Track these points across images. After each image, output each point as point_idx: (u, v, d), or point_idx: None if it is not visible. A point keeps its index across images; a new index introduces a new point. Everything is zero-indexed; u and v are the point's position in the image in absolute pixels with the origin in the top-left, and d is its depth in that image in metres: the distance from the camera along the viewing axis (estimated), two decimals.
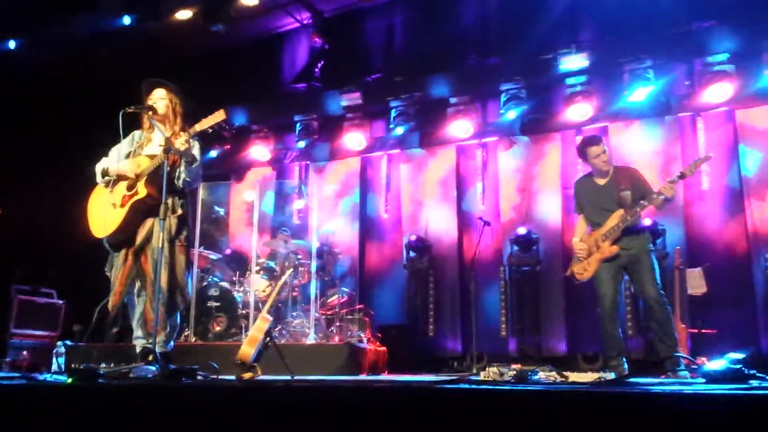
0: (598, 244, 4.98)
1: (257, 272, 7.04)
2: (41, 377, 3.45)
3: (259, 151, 9.10)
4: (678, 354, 4.69)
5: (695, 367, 4.58)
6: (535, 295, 7.53)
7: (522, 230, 7.78)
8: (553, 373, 4.05)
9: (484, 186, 8.37)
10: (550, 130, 8.11)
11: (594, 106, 7.68)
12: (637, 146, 7.55)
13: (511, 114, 8.06)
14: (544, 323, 7.49)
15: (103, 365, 3.95)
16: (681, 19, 7.33)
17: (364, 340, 6.93)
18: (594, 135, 5.39)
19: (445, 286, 8.15)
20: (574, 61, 7.66)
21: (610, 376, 4.02)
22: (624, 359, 4.92)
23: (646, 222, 5.66)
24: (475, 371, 5.80)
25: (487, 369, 4.15)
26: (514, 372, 3.98)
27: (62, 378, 3.31)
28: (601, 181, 5.11)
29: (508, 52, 8.19)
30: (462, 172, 8.54)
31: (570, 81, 7.78)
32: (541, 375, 3.99)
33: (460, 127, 8.28)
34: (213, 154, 8.95)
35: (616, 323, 4.99)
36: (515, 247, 7.74)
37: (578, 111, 7.71)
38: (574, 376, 3.99)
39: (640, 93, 7.43)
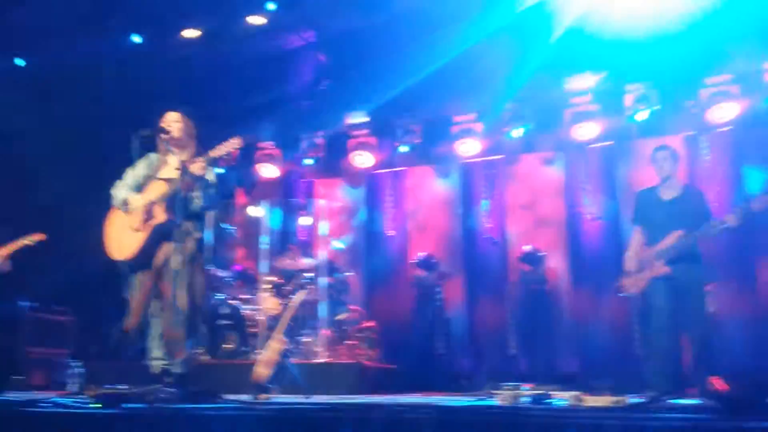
0: (651, 262, 4.78)
1: (266, 290, 7.07)
2: (64, 401, 3.46)
3: (265, 168, 9.15)
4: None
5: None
6: (544, 313, 7.55)
7: (527, 248, 7.82)
8: (567, 394, 4.08)
9: (489, 204, 8.42)
10: (556, 148, 8.19)
11: (599, 125, 7.76)
12: (643, 165, 7.61)
13: (517, 132, 8.12)
14: (554, 341, 7.51)
15: (119, 387, 3.96)
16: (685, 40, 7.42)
17: (373, 358, 6.95)
18: (665, 144, 5.17)
19: (453, 304, 8.17)
20: (578, 81, 7.76)
21: (627, 399, 4.01)
22: (669, 379, 4.66)
23: None
24: (486, 391, 5.81)
25: (500, 390, 4.19)
26: (531, 394, 4.01)
27: (86, 401, 3.33)
28: (666, 195, 4.91)
29: (512, 70, 8.25)
30: (467, 189, 8.60)
31: (575, 100, 7.86)
32: (558, 397, 4.02)
33: (465, 146, 8.34)
34: (220, 170, 8.99)
35: (667, 338, 4.71)
36: (522, 265, 7.78)
37: (583, 130, 7.79)
38: (590, 400, 4.01)
39: (644, 113, 7.51)
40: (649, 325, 4.81)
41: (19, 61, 8.07)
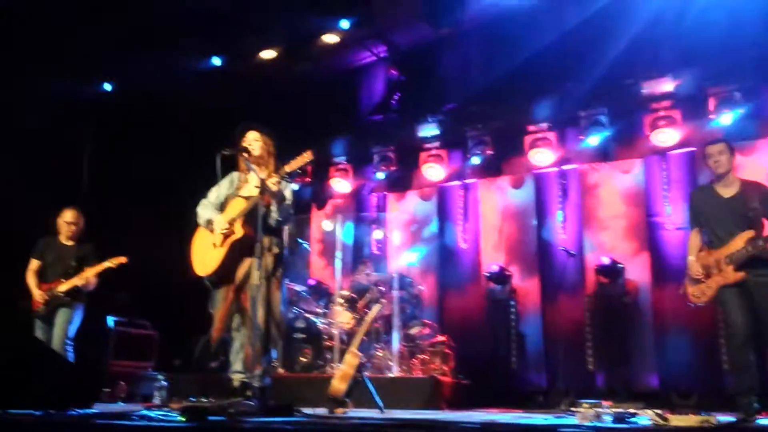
0: (719, 267, 4.43)
1: (340, 304, 7.15)
2: (150, 414, 3.60)
3: (338, 182, 9.27)
4: None
5: None
6: (622, 326, 7.29)
7: (606, 260, 7.58)
8: (650, 413, 3.93)
9: (564, 214, 8.24)
10: (634, 156, 7.94)
11: (679, 131, 7.49)
12: None
13: (592, 140, 7.94)
14: (634, 356, 7.24)
15: (202, 400, 4.08)
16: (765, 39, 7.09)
17: (447, 373, 6.90)
18: (720, 137, 4.96)
19: (527, 318, 8.02)
20: (657, 86, 7.52)
21: (714, 419, 3.82)
22: (755, 397, 4.34)
23: None
24: (563, 408, 5.68)
25: (579, 407, 4.07)
26: (612, 412, 3.89)
27: (173, 415, 3.45)
28: (726, 193, 4.57)
29: (586, 77, 8.09)
30: (541, 200, 8.44)
31: (653, 106, 7.62)
32: (640, 415, 3.88)
33: (538, 156, 8.20)
34: (294, 186, 9.17)
35: (749, 354, 4.36)
36: (599, 278, 7.55)
37: (663, 136, 7.54)
38: (675, 419, 3.84)
39: (727, 117, 7.20)
40: (729, 338, 4.54)
41: (107, 86, 8.51)
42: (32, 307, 5.69)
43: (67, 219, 5.91)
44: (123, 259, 5.66)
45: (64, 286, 5.64)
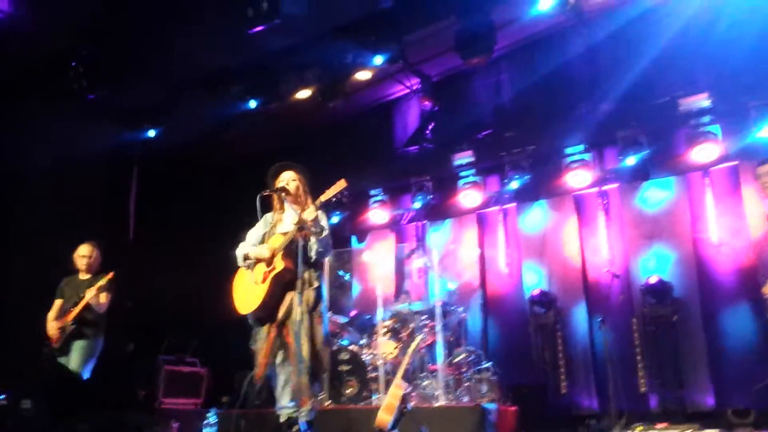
0: None
1: (383, 334, 7.15)
2: None
3: (377, 214, 9.37)
4: None
5: None
6: (674, 346, 7.12)
7: (653, 279, 7.45)
8: None
9: (607, 234, 8.13)
10: (675, 173, 7.83)
11: (720, 146, 7.37)
12: None
13: (631, 160, 7.86)
14: (687, 376, 7.04)
15: None
16: None
17: (495, 400, 6.81)
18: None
19: (574, 341, 7.89)
20: (693, 102, 7.44)
21: None
22: None
23: None
24: (617, 431, 5.55)
25: (633, 430, 4.00)
26: None
27: None
28: None
29: (620, 97, 8.06)
30: (583, 221, 8.35)
31: (691, 122, 7.52)
32: None
33: (577, 177, 8.16)
34: (334, 220, 9.32)
35: None
36: (648, 298, 7.41)
37: (703, 152, 7.42)
38: None
39: None
40: None
41: (151, 132, 8.80)
42: (50, 345, 5.66)
43: (81, 252, 5.91)
44: (110, 275, 5.63)
45: (71, 315, 5.60)
